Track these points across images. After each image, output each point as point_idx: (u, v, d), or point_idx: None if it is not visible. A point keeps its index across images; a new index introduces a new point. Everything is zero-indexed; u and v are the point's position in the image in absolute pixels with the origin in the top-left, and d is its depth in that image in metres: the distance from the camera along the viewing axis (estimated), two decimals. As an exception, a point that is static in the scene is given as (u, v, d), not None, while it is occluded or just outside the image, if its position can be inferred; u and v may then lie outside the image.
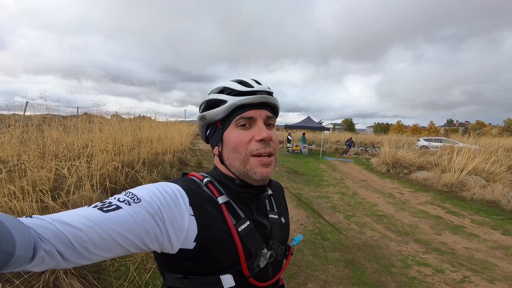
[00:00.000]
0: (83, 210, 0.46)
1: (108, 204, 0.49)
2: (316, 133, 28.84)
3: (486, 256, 3.62)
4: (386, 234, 4.28)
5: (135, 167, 5.07)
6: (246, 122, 0.63)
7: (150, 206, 0.51)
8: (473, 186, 7.24)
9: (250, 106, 0.64)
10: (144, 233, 0.49)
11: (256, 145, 0.62)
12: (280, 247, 0.67)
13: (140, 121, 10.05)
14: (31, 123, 5.97)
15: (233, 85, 0.66)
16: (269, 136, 0.62)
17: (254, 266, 0.61)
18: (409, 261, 3.39)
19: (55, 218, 0.43)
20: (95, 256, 0.45)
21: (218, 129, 0.66)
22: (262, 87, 0.66)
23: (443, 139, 17.80)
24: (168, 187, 0.56)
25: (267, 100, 0.66)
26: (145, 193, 0.53)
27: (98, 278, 2.27)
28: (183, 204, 0.55)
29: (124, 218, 0.47)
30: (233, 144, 0.62)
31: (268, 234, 0.67)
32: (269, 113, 0.66)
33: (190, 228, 0.54)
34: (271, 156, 0.64)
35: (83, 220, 0.43)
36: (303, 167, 10.97)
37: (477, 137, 10.71)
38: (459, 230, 4.61)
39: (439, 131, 52.16)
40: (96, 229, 0.44)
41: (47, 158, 4.00)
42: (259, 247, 0.62)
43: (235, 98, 0.63)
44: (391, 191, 7.42)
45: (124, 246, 0.47)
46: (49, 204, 2.69)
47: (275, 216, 0.72)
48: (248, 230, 0.61)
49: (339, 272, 3.02)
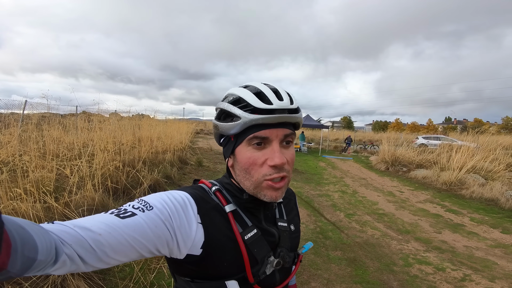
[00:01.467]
0: (102, 216, 0.49)
1: (124, 211, 0.51)
2: (315, 131, 28.88)
3: (486, 255, 3.65)
4: (387, 232, 4.31)
5: (136, 166, 5.06)
6: (260, 141, 0.59)
7: (161, 213, 0.53)
8: (472, 184, 7.29)
9: (267, 125, 0.59)
10: (156, 239, 0.51)
11: (269, 169, 0.58)
12: (289, 254, 0.68)
13: (139, 119, 10.03)
14: (30, 122, 5.96)
15: (250, 98, 0.59)
16: (282, 163, 0.58)
17: (260, 273, 0.61)
18: (410, 259, 3.42)
19: (76, 223, 0.45)
20: (112, 260, 0.47)
21: (230, 141, 0.63)
22: (283, 104, 0.59)
23: (442, 137, 17.88)
24: (178, 195, 0.58)
25: (286, 120, 0.60)
26: (157, 200, 0.55)
27: (103, 279, 2.28)
28: (192, 211, 0.57)
29: (139, 224, 0.49)
30: (244, 165, 0.60)
31: (276, 242, 0.67)
32: (287, 131, 0.61)
33: (197, 235, 0.56)
34: (284, 179, 0.61)
35: (102, 226, 0.46)
36: (302, 165, 11.00)
37: (476, 135, 10.77)
38: (458, 228, 4.65)
39: (437, 129, 52.39)
40: (114, 234, 0.46)
41: (48, 158, 3.98)
42: (265, 254, 0.63)
43: (249, 116, 0.57)
44: (390, 190, 7.46)
45: (138, 251, 0.49)
46: (51, 204, 2.69)
47: (284, 224, 0.72)
48: (255, 238, 0.62)
49: (342, 271, 3.04)
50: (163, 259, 2.69)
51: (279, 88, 0.63)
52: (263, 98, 0.60)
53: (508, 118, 50.07)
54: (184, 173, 6.75)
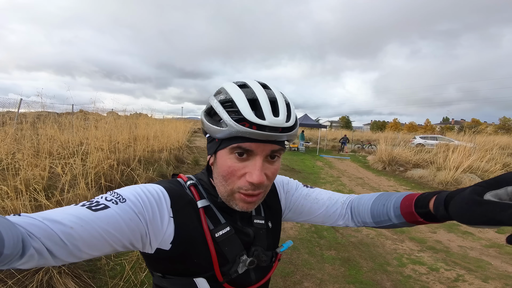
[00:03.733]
0: (72, 209, 0.47)
1: (96, 203, 0.50)
2: (313, 131, 28.90)
3: (480, 255, 3.65)
4: (382, 232, 4.30)
5: (130, 165, 5.04)
6: (243, 152, 0.55)
7: (135, 205, 0.52)
8: (468, 184, 7.29)
9: (254, 138, 0.54)
10: (130, 232, 0.50)
11: (245, 184, 0.55)
12: (265, 253, 0.66)
13: (136, 118, 9.99)
14: (26, 121, 5.92)
15: (242, 105, 0.54)
16: (260, 182, 0.54)
17: (231, 272, 0.60)
18: (404, 259, 3.42)
19: (45, 216, 0.43)
20: (84, 254, 0.45)
21: (214, 142, 0.59)
22: (277, 121, 0.53)
23: (439, 137, 17.95)
24: (152, 188, 0.57)
25: (276, 139, 0.55)
26: (130, 193, 0.54)
27: (93, 277, 2.26)
28: (165, 205, 0.56)
29: (112, 217, 0.48)
30: (223, 172, 0.57)
31: (250, 241, 0.65)
32: (276, 148, 0.56)
33: (168, 230, 0.55)
34: (259, 194, 0.58)
35: (73, 219, 0.44)
36: (300, 165, 11.00)
37: (473, 135, 10.80)
38: (453, 228, 4.65)
39: (435, 129, 52.56)
40: (86, 228, 0.44)
41: (41, 156, 3.96)
42: (237, 253, 0.61)
43: (236, 126, 0.52)
44: (387, 189, 7.46)
45: (112, 245, 0.48)
46: (43, 203, 2.66)
47: (261, 222, 0.69)
48: (227, 236, 0.61)
49: (335, 271, 3.03)
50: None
51: (278, 96, 0.57)
52: (257, 108, 0.54)
53: (505, 119, 50.31)
54: (180, 172, 6.73)
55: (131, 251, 2.54)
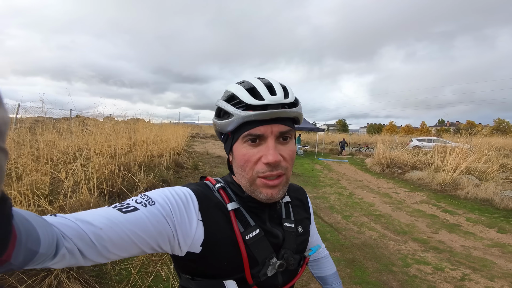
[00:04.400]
0: (103, 210, 0.48)
1: (126, 205, 0.51)
2: (310, 134, 29.00)
3: (484, 254, 3.67)
4: (385, 233, 4.31)
5: (131, 170, 5.01)
6: (255, 138, 0.57)
7: (163, 208, 0.52)
8: (467, 185, 7.36)
9: (261, 121, 0.57)
10: (158, 234, 0.50)
11: (263, 167, 0.57)
12: (294, 256, 0.66)
13: (134, 123, 9.96)
14: (24, 126, 5.87)
15: (242, 94, 0.58)
16: (276, 161, 0.56)
17: (261, 275, 0.60)
18: (409, 259, 3.42)
19: (78, 217, 0.44)
20: (113, 255, 0.46)
21: (229, 138, 0.63)
22: (275, 99, 0.57)
23: (435, 139, 18.10)
24: (180, 191, 0.58)
25: (281, 116, 0.58)
26: (159, 196, 0.55)
27: (100, 282, 2.23)
28: (193, 208, 0.56)
29: (141, 219, 0.49)
30: (240, 162, 0.59)
31: (280, 243, 0.65)
32: (283, 128, 0.58)
33: (197, 233, 0.55)
34: (281, 177, 0.59)
35: (103, 220, 0.45)
36: (299, 168, 11.01)
37: (469, 136, 10.91)
38: (455, 228, 4.68)
39: (430, 131, 53.00)
40: (115, 229, 0.45)
41: (42, 161, 3.92)
42: (267, 256, 0.61)
43: (240, 113, 0.56)
44: (386, 191, 7.49)
45: (139, 246, 0.48)
46: (46, 208, 2.64)
47: (290, 225, 0.69)
48: (257, 239, 0.60)
49: (341, 272, 3.02)
50: (160, 262, 2.65)
51: (273, 82, 0.61)
52: (255, 93, 0.58)
53: (500, 120, 50.95)
54: (180, 177, 6.70)
55: (139, 255, 2.51)
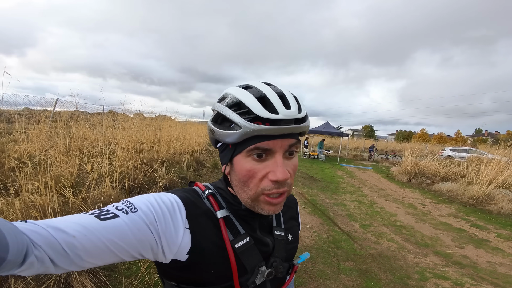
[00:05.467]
0: (80, 217, 0.46)
1: (105, 212, 0.49)
2: (334, 139, 28.35)
3: (510, 271, 3.44)
4: (404, 245, 4.12)
5: (153, 165, 5.20)
6: (261, 153, 0.54)
7: (146, 216, 0.50)
8: (501, 199, 6.84)
9: (271, 136, 0.53)
10: (138, 243, 0.48)
11: (269, 184, 0.54)
12: (283, 264, 0.65)
13: (160, 120, 10.32)
14: (60, 119, 6.31)
15: (252, 104, 0.53)
16: (285, 178, 0.54)
17: (249, 283, 0.59)
18: (427, 273, 3.25)
19: (50, 224, 0.42)
20: (86, 263, 0.44)
21: (228, 149, 0.58)
22: (290, 113, 0.53)
23: (471, 150, 16.95)
24: (166, 198, 0.56)
25: (293, 131, 0.55)
26: (142, 202, 0.53)
27: (109, 276, 2.32)
28: (179, 216, 0.54)
29: (120, 227, 0.47)
30: (243, 177, 0.56)
31: (269, 251, 0.64)
32: (292, 142, 0.56)
33: (184, 241, 0.53)
34: (283, 195, 0.57)
35: (77, 228, 0.43)
36: (319, 173, 10.81)
37: (508, 148, 10.11)
38: (483, 244, 4.37)
39: (466, 140, 49.69)
40: (90, 237, 0.43)
41: (72, 153, 4.19)
42: (256, 264, 0.60)
43: (250, 126, 0.51)
44: (411, 202, 7.14)
45: (117, 255, 0.47)
46: (69, 199, 2.80)
47: (281, 233, 0.69)
48: (247, 247, 0.59)
49: (351, 282, 2.93)
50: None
51: (285, 91, 0.57)
52: (267, 104, 0.53)
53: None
54: (199, 175, 6.85)
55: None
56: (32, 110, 7.23)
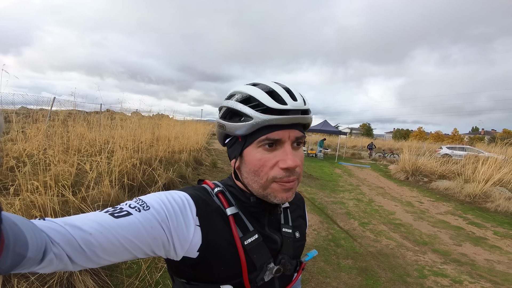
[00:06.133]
0: (95, 215, 0.47)
1: (119, 210, 0.50)
2: (332, 137, 28.43)
3: (508, 268, 3.46)
4: (403, 243, 4.15)
5: (152, 164, 5.18)
6: (272, 143, 0.56)
7: (158, 213, 0.51)
8: (498, 197, 6.90)
9: (279, 126, 0.56)
10: (151, 240, 0.49)
11: (279, 172, 0.56)
12: (290, 262, 0.65)
13: (158, 119, 10.29)
14: (57, 118, 6.27)
15: (262, 97, 0.56)
16: (295, 165, 0.56)
17: (258, 280, 0.60)
18: (426, 271, 3.27)
19: (67, 221, 0.43)
20: (103, 260, 0.45)
21: (238, 142, 0.60)
22: (297, 104, 0.57)
23: (467, 148, 17.06)
24: (177, 196, 0.57)
25: (300, 122, 0.59)
26: (155, 200, 0.54)
27: (110, 275, 2.32)
28: (190, 213, 0.55)
29: (134, 224, 0.48)
30: (254, 167, 0.58)
31: (278, 248, 0.65)
32: (299, 134, 0.59)
33: (194, 238, 0.54)
34: (295, 180, 0.59)
35: (94, 225, 0.44)
36: (318, 171, 10.84)
37: (504, 146, 10.19)
38: (480, 241, 4.41)
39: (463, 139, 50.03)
40: (106, 234, 0.44)
41: (70, 153, 4.16)
42: (265, 261, 0.61)
43: (261, 116, 0.55)
44: (409, 200, 7.19)
45: (131, 252, 0.48)
46: (69, 198, 2.79)
47: (288, 230, 0.69)
48: (256, 244, 0.60)
49: (351, 280, 2.95)
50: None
51: (291, 87, 0.61)
52: (276, 97, 0.57)
53: (542, 130, 46.97)
54: (198, 174, 6.84)
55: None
56: (29, 109, 7.17)
